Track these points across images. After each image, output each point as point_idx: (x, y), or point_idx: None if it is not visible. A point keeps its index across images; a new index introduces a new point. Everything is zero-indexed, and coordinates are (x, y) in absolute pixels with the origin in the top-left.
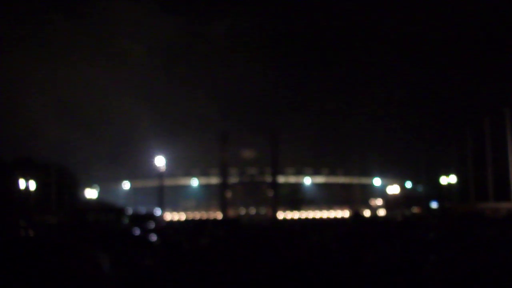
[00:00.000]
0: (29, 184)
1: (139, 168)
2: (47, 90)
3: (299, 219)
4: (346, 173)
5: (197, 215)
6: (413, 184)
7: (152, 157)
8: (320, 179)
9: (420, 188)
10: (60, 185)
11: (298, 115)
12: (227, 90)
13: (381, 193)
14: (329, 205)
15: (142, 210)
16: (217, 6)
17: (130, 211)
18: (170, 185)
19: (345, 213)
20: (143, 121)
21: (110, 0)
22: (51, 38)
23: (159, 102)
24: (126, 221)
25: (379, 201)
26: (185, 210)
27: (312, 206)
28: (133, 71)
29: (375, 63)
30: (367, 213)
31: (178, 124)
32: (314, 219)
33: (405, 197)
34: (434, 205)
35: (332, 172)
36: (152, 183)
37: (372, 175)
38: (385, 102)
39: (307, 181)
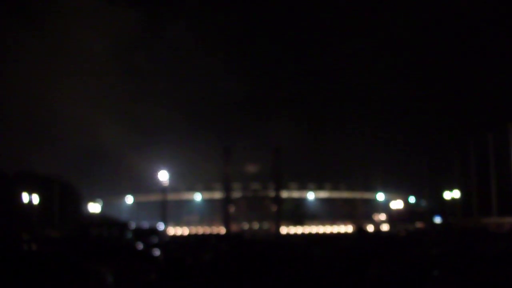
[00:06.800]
0: (32, 198)
1: (142, 183)
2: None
3: (303, 234)
4: (349, 188)
5: (200, 229)
6: (417, 199)
7: (156, 172)
8: (323, 194)
9: (423, 203)
10: (63, 199)
11: (301, 130)
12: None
13: (385, 208)
14: (333, 220)
15: (145, 224)
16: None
17: (133, 225)
18: (173, 200)
19: (348, 228)
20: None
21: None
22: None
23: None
24: (129, 235)
25: (382, 216)
26: (188, 224)
27: (315, 221)
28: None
29: (378, 76)
30: (370, 228)
31: (182, 139)
32: (317, 234)
33: (409, 212)
34: (437, 220)
35: (335, 187)
36: (155, 197)
37: (375, 190)
38: (388, 117)
39: (311, 196)
